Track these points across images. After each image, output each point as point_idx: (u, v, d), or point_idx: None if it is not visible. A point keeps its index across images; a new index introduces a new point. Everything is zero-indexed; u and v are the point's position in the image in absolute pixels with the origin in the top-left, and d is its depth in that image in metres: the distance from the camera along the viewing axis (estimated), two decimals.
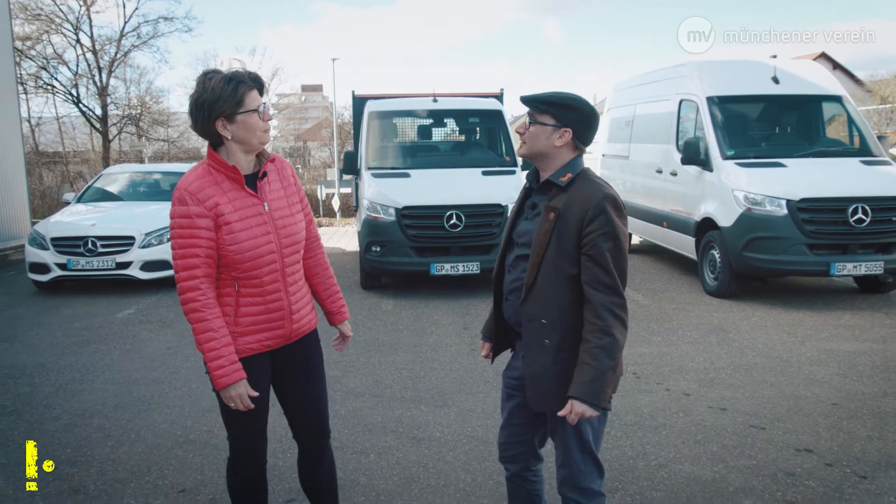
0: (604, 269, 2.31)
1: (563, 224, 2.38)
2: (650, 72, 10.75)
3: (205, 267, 2.51)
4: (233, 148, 2.56)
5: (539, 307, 2.44)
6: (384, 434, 4.51)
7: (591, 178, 2.46)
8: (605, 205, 2.34)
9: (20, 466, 4.12)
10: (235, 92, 2.47)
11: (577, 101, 2.47)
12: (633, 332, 6.70)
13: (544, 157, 2.50)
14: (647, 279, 9.39)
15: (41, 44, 25.50)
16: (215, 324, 2.50)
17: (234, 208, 2.53)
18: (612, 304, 2.31)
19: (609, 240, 2.32)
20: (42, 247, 9.17)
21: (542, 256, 2.41)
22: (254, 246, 2.55)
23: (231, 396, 2.54)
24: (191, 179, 2.54)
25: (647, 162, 10.22)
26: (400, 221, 8.41)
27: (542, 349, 2.44)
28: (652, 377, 5.45)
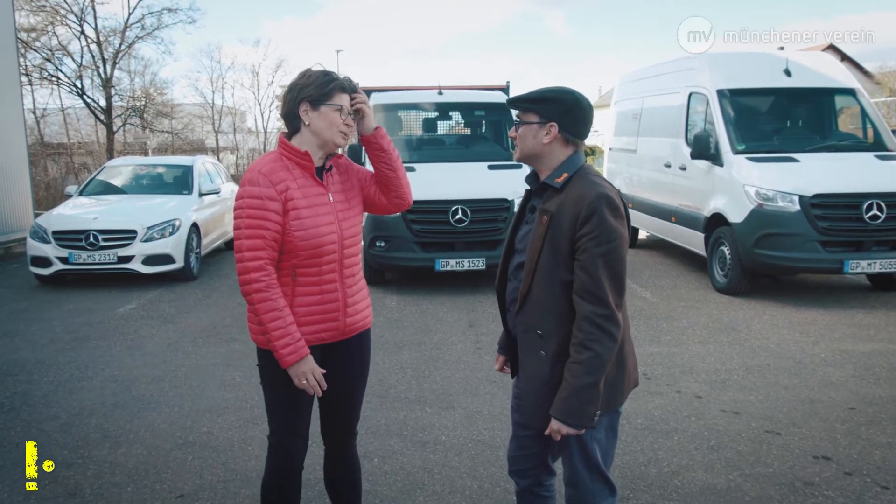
0: (591, 276, 2.17)
1: (556, 228, 2.24)
2: (658, 64, 10.59)
3: (269, 249, 2.51)
4: (308, 138, 2.59)
5: (534, 317, 2.31)
6: (388, 437, 4.40)
7: (588, 176, 2.31)
8: (599, 205, 2.18)
9: (16, 468, 4.02)
10: (327, 85, 2.54)
11: (559, 91, 2.34)
12: (642, 331, 6.58)
13: (537, 157, 2.37)
14: (655, 276, 9.26)
15: (46, 35, 25.37)
16: (279, 303, 2.49)
17: (303, 195, 2.55)
18: (596, 316, 2.16)
19: (601, 244, 2.16)
20: (43, 240, 9.07)
21: (535, 263, 2.28)
22: (318, 234, 2.55)
23: (302, 373, 2.53)
24: (264, 162, 2.58)
25: (655, 156, 10.07)
26: (404, 216, 8.28)
27: (538, 361, 2.31)
28: (662, 378, 5.33)
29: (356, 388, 2.84)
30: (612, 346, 2.18)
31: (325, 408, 2.86)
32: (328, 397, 2.81)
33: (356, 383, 2.84)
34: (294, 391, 2.67)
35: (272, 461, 2.79)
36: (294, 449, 2.76)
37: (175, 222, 9.33)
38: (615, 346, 2.20)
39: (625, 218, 2.26)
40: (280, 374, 2.64)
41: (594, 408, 2.21)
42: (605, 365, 2.18)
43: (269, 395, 2.72)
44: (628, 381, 2.39)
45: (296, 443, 2.76)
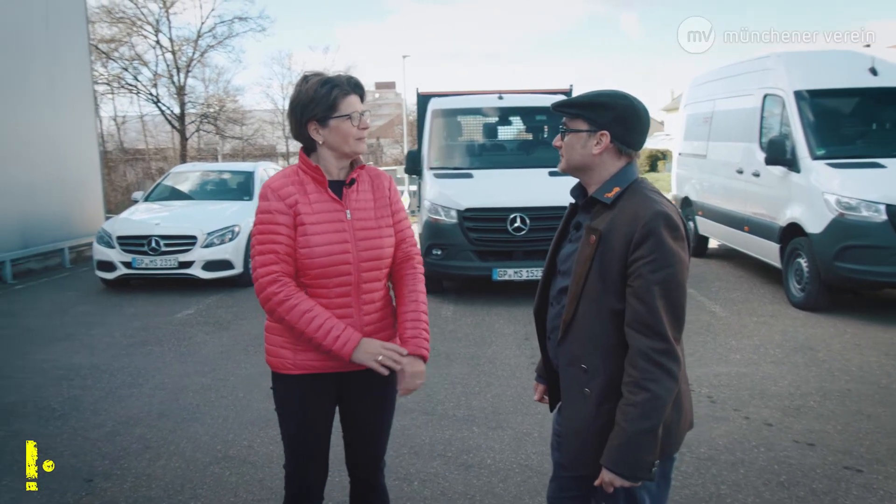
0: (646, 305, 1.90)
1: (605, 249, 1.98)
2: (731, 64, 10.09)
3: (283, 264, 2.35)
4: (325, 153, 2.44)
5: (579, 349, 2.05)
6: (431, 458, 4.19)
7: (643, 191, 2.04)
8: (656, 224, 1.91)
9: (60, 478, 3.98)
10: (329, 95, 2.35)
11: (611, 96, 2.07)
12: (709, 349, 6.19)
13: (585, 169, 2.11)
14: (726, 288, 8.78)
15: (124, 45, 26.25)
16: (307, 303, 2.34)
17: (314, 210, 2.39)
18: (653, 351, 1.89)
19: (658, 270, 1.90)
20: (109, 245, 9.25)
21: (581, 288, 2.02)
22: (327, 253, 2.36)
23: (370, 355, 2.35)
24: (276, 177, 2.46)
25: (726, 161, 9.57)
26: (461, 224, 8.10)
27: (581, 399, 2.05)
28: (729, 402, 4.95)
29: (378, 421, 2.63)
30: (672, 385, 1.91)
31: (348, 439, 2.67)
32: (349, 429, 2.64)
33: (378, 417, 2.63)
34: (309, 417, 2.50)
35: (288, 491, 2.61)
36: (310, 479, 2.59)
37: (234, 228, 9.37)
38: (675, 387, 1.92)
39: (685, 240, 1.99)
40: (294, 398, 2.48)
41: (652, 457, 1.93)
42: (664, 408, 1.91)
43: (282, 420, 2.55)
44: (684, 424, 2.10)
45: (312, 473, 2.59)
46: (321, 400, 2.51)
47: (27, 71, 11.54)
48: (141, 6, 25.34)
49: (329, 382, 2.49)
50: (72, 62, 13.00)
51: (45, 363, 6.21)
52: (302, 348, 2.42)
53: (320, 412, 2.52)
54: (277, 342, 2.48)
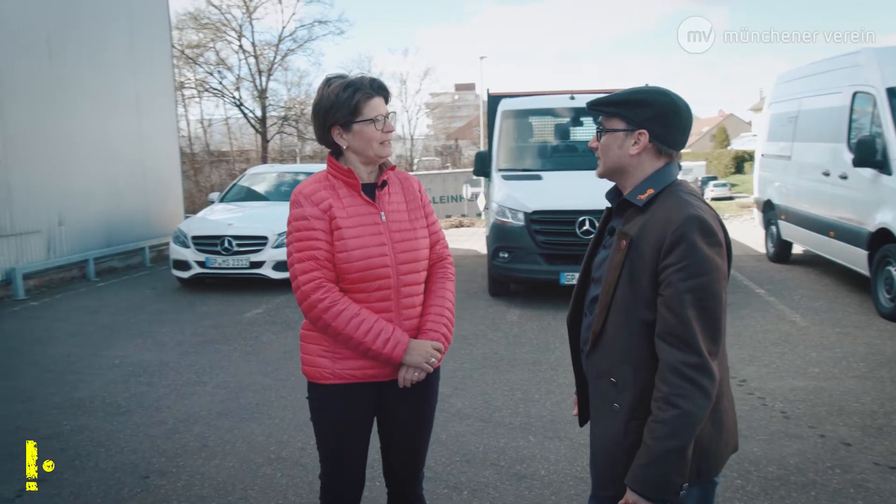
0: (677, 316, 1.75)
1: (636, 255, 1.84)
2: (819, 61, 9.57)
3: (324, 270, 2.30)
4: (351, 158, 2.39)
5: (607, 362, 1.91)
6: (484, 467, 4.08)
7: (679, 193, 1.88)
8: (688, 229, 1.76)
9: (118, 474, 4.06)
10: (351, 99, 2.29)
11: (649, 93, 1.92)
12: (786, 360, 5.85)
13: (622, 171, 1.97)
14: (808, 296, 8.32)
15: (209, 51, 27.16)
16: (354, 308, 2.29)
17: (348, 214, 2.33)
18: (683, 365, 1.74)
19: (690, 277, 1.75)
20: (184, 244, 9.50)
21: (611, 297, 1.88)
22: (365, 255, 2.30)
23: (422, 358, 2.33)
24: (307, 183, 2.41)
25: (812, 163, 9.09)
26: (529, 227, 7.95)
27: (610, 415, 1.92)
28: (804, 418, 4.65)
29: (417, 433, 2.55)
30: (704, 403, 1.76)
31: (385, 450, 2.60)
32: (387, 440, 2.56)
33: (417, 428, 2.54)
34: (347, 428, 2.43)
35: (324, 501, 2.55)
36: (345, 490, 2.52)
37: None
38: (708, 404, 1.77)
39: (723, 246, 1.83)
40: (332, 409, 2.42)
41: (680, 478, 1.78)
42: (695, 426, 1.76)
43: (319, 432, 2.49)
44: (726, 446, 1.94)
45: (348, 484, 2.52)
46: (359, 410, 2.44)
47: (113, 75, 12.03)
48: (225, 12, 26.15)
49: (368, 392, 2.42)
50: (155, 66, 13.49)
51: (117, 359, 6.41)
52: (341, 356, 2.36)
53: (358, 423, 2.46)
54: (314, 351, 2.42)
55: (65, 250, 10.60)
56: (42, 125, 10.21)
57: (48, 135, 10.32)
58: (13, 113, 9.66)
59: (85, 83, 11.25)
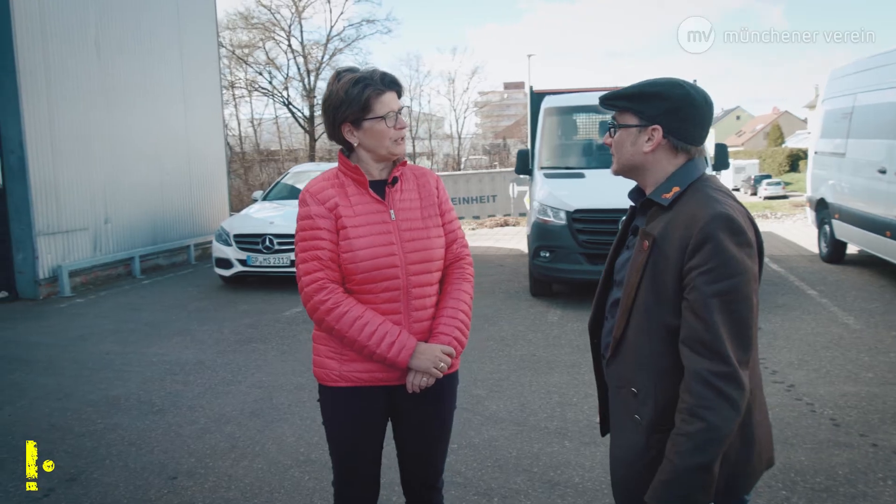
0: (704, 322, 1.61)
1: (659, 256, 1.71)
2: (875, 55, 9.15)
3: (328, 270, 2.22)
4: (362, 155, 2.30)
5: (629, 369, 1.79)
6: (516, 473, 3.95)
7: (706, 190, 1.74)
8: (714, 228, 1.63)
9: (146, 474, 4.05)
10: (361, 95, 2.19)
11: (663, 85, 1.78)
12: (837, 365, 5.58)
13: (639, 169, 1.85)
14: (863, 298, 7.95)
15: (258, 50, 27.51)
16: (358, 310, 2.20)
17: (355, 213, 2.24)
18: (711, 374, 1.60)
19: (718, 280, 1.61)
20: (226, 243, 9.57)
21: (632, 300, 1.76)
22: (372, 255, 2.21)
23: (430, 362, 2.22)
24: (315, 181, 2.34)
25: (867, 160, 8.70)
26: (571, 225, 7.78)
27: (631, 427, 1.79)
28: (855, 426, 4.40)
29: (432, 440, 2.44)
30: (733, 415, 1.61)
31: (401, 457, 2.50)
32: (402, 446, 2.46)
33: (432, 435, 2.43)
34: (358, 433, 2.33)
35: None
36: (358, 497, 2.42)
37: None
38: (736, 417, 1.62)
39: (753, 246, 1.68)
40: (341, 412, 2.33)
41: (705, 497, 1.64)
42: (722, 441, 1.62)
43: (330, 436, 2.40)
44: (759, 461, 1.78)
45: (361, 491, 2.42)
46: (370, 415, 2.35)
47: (160, 74, 12.23)
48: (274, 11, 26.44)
49: (378, 396, 2.32)
50: (202, 65, 13.66)
51: (155, 357, 6.45)
52: (349, 358, 2.28)
53: (369, 428, 2.36)
54: (323, 352, 2.34)
55: (111, 248, 10.79)
56: (90, 124, 10.41)
57: (95, 133, 10.52)
58: (62, 112, 9.85)
59: (132, 82, 11.44)
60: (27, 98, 9.18)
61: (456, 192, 20.96)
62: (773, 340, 6.32)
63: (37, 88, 9.37)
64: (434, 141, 48.12)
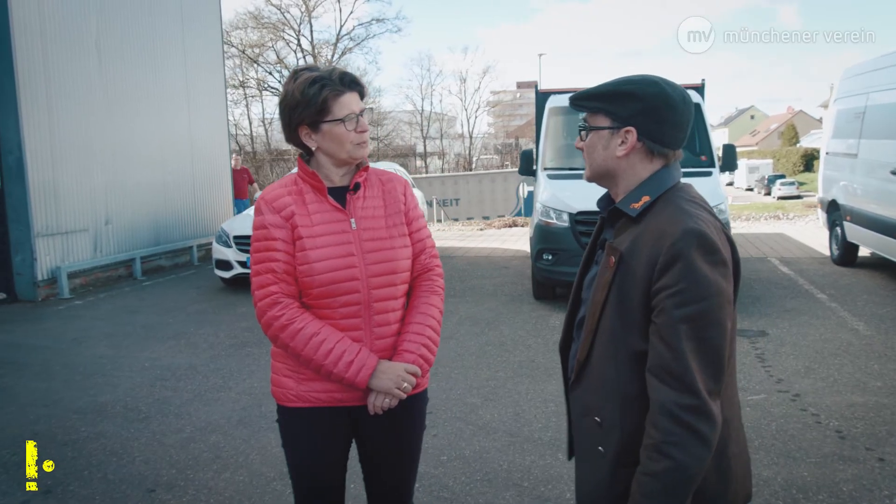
0: (671, 349, 1.46)
1: (626, 274, 1.55)
2: (888, 54, 8.91)
3: (283, 283, 2.08)
4: (322, 160, 2.15)
5: (593, 396, 1.64)
6: (505, 488, 3.80)
7: (678, 202, 1.58)
8: (686, 245, 1.47)
9: (124, 486, 3.93)
10: (318, 96, 2.03)
11: (636, 83, 1.63)
12: (845, 373, 5.38)
13: (610, 175, 1.68)
14: (874, 302, 7.73)
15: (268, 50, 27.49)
16: (314, 325, 2.06)
17: (312, 222, 2.09)
18: (679, 408, 1.45)
19: (688, 303, 1.45)
20: (226, 244, 9.46)
21: (597, 321, 1.60)
22: (329, 268, 2.06)
23: (392, 382, 2.07)
24: (272, 188, 2.20)
25: (880, 161, 8.47)
26: (574, 228, 7.61)
27: (595, 459, 1.64)
28: (861, 439, 4.22)
29: (399, 464, 2.30)
30: (703, 452, 1.46)
31: (367, 481, 2.37)
32: (367, 470, 2.32)
33: (399, 459, 2.29)
34: (318, 456, 2.19)
35: None
36: None
37: None
38: (706, 454, 1.46)
39: (728, 265, 1.52)
40: (299, 435, 2.19)
41: None
42: (692, 480, 1.46)
43: (288, 458, 2.26)
44: (735, 498, 1.62)
45: None
46: (330, 437, 2.21)
47: (164, 75, 12.14)
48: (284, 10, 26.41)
49: (339, 418, 2.18)
50: (206, 66, 13.57)
51: (148, 361, 6.34)
52: (307, 377, 2.14)
53: (329, 451, 2.22)
54: (280, 370, 2.20)
55: (112, 249, 10.71)
56: (90, 125, 10.33)
57: (96, 134, 10.44)
58: (62, 113, 9.77)
59: (135, 83, 11.36)
60: (26, 99, 9.11)
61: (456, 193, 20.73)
62: (780, 347, 6.13)
63: (36, 90, 9.30)
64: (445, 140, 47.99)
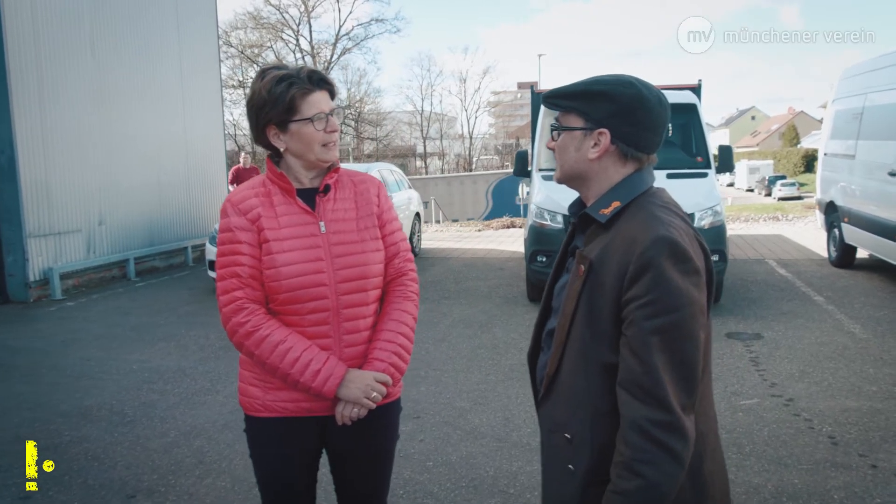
0: (642, 362, 1.39)
1: (595, 283, 1.48)
2: (887, 54, 8.84)
3: (248, 289, 2.01)
4: (291, 161, 2.08)
5: (563, 411, 1.56)
6: (491, 494, 3.73)
7: (650, 208, 1.51)
8: (656, 254, 1.40)
9: (104, 492, 3.87)
10: (286, 95, 1.96)
11: (610, 83, 1.55)
12: (840, 377, 5.32)
13: (581, 178, 1.62)
14: (871, 305, 7.66)
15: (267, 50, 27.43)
16: (280, 333, 1.99)
17: (280, 224, 2.02)
18: (650, 423, 1.38)
19: (658, 315, 1.38)
20: None
21: (566, 333, 1.53)
22: (296, 272, 1.99)
23: (360, 391, 2.00)
24: (239, 189, 2.13)
25: (878, 162, 8.40)
26: (567, 229, 7.53)
27: (564, 477, 1.56)
28: (854, 445, 4.15)
29: (371, 476, 2.23)
30: (675, 470, 1.39)
31: (338, 493, 2.30)
32: (338, 481, 2.26)
33: (371, 471, 2.22)
34: (286, 468, 2.13)
35: None
36: None
37: None
38: (679, 472, 1.39)
39: (701, 274, 1.45)
40: (266, 445, 2.13)
41: None
42: (664, 499, 1.39)
43: (256, 469, 2.19)
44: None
45: None
46: (298, 448, 2.14)
47: (159, 75, 12.08)
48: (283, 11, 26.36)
49: (307, 428, 2.11)
50: (202, 66, 13.52)
51: (136, 364, 6.28)
52: (274, 386, 2.07)
53: (297, 462, 2.15)
54: (247, 378, 2.13)
55: (105, 250, 10.65)
56: (84, 124, 10.27)
57: (90, 134, 10.38)
58: (54, 112, 9.71)
59: (129, 83, 11.30)
60: (18, 97, 9.04)
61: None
62: (775, 350, 6.07)
63: (28, 88, 9.23)
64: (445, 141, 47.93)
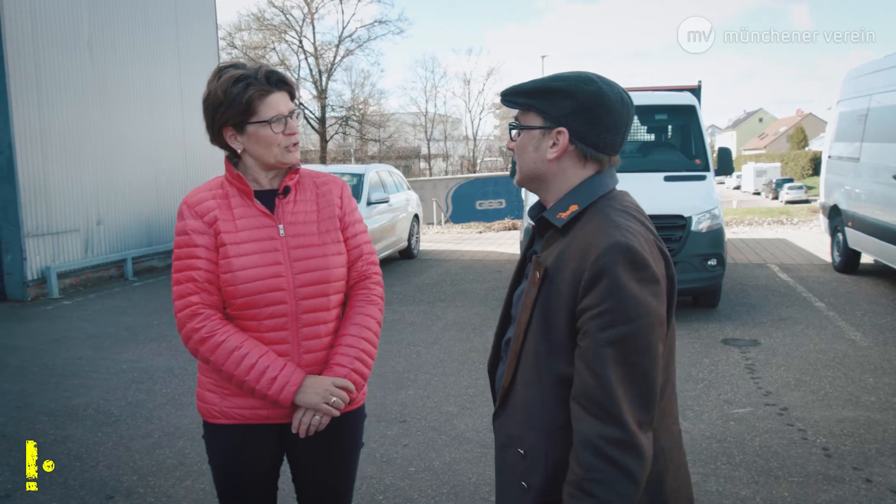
0: (596, 376, 1.32)
1: (551, 291, 1.41)
2: (892, 54, 8.75)
3: (204, 294, 1.96)
4: (249, 162, 2.03)
5: (517, 425, 1.49)
6: (471, 502, 3.67)
7: (608, 211, 1.45)
8: (611, 261, 1.34)
9: (83, 493, 3.83)
10: (243, 95, 1.90)
11: (569, 80, 1.48)
12: (838, 386, 5.22)
13: (540, 180, 1.54)
14: (874, 312, 7.55)
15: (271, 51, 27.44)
16: (235, 339, 1.95)
17: (237, 227, 1.98)
18: (603, 441, 1.31)
19: (613, 325, 1.32)
20: None
21: (521, 343, 1.46)
22: (254, 277, 1.93)
23: (319, 397, 1.94)
24: (196, 191, 2.08)
25: (883, 165, 8.29)
26: None
27: (517, 495, 1.49)
28: (849, 458, 4.06)
29: (332, 480, 2.17)
30: (629, 490, 1.32)
31: (299, 498, 2.24)
32: (299, 490, 2.20)
33: (333, 480, 2.16)
34: (244, 476, 2.07)
35: None
36: None
37: None
38: (634, 492, 1.32)
39: (660, 282, 1.38)
40: (225, 452, 2.07)
41: None
42: None
43: (215, 477, 2.14)
44: None
45: None
46: (256, 456, 2.08)
47: (157, 74, 12.07)
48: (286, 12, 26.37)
49: (265, 435, 2.06)
50: (201, 66, 13.44)
51: (126, 364, 6.24)
52: (230, 393, 2.01)
53: (256, 470, 2.10)
54: (205, 384, 2.09)
55: (103, 249, 10.63)
56: (82, 124, 10.26)
57: (88, 134, 10.37)
58: (53, 112, 9.71)
59: (128, 82, 11.29)
60: (16, 98, 9.04)
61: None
62: (772, 357, 5.98)
63: (27, 88, 9.23)
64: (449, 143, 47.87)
